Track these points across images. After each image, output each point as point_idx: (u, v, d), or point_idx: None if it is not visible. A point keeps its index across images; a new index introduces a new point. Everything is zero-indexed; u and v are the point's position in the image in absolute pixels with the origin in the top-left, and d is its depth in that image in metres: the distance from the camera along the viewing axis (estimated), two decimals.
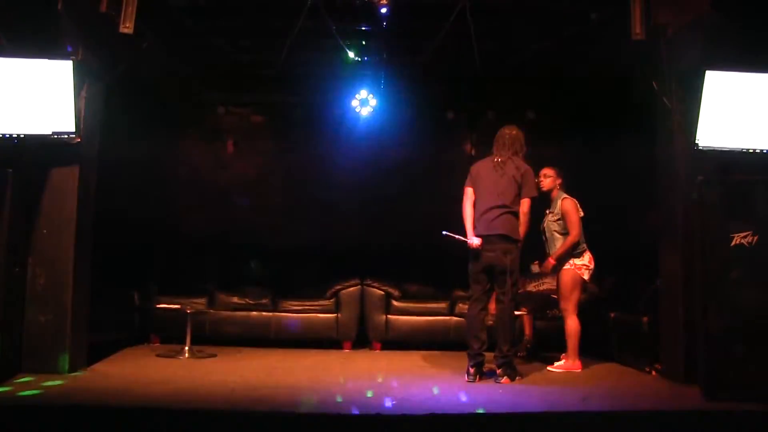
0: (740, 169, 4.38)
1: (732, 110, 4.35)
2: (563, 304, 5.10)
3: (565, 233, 5.15)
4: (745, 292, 4.02)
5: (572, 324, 5.03)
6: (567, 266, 5.08)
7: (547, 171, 5.34)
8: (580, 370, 5.00)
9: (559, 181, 5.32)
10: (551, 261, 5.14)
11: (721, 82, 4.33)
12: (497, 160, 4.81)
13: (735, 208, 4.13)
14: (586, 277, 5.11)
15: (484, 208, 4.71)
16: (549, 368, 5.11)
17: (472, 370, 4.61)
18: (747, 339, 3.97)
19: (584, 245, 5.12)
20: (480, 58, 5.76)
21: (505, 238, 4.62)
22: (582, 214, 5.17)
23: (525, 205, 4.71)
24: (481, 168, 4.86)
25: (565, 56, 6.11)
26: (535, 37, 5.77)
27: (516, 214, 4.68)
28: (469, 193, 4.82)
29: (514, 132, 4.89)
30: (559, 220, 5.18)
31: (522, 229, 4.69)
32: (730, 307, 4.03)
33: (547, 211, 5.31)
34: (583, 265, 5.08)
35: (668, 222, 4.81)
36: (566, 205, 5.15)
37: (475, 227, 4.71)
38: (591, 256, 5.14)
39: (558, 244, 5.16)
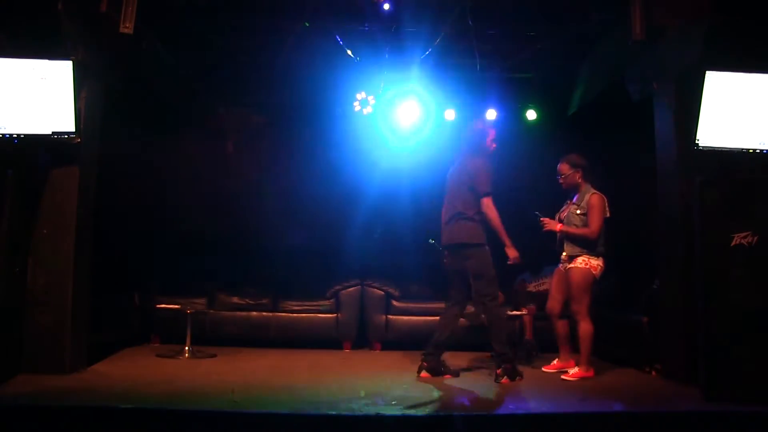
0: (740, 169, 4.38)
1: (732, 110, 4.35)
2: (575, 306, 4.81)
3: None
4: (745, 292, 4.02)
5: (586, 327, 4.79)
6: (581, 264, 4.79)
7: (562, 168, 5.05)
8: (592, 376, 4.82)
9: (578, 173, 5.00)
10: (558, 226, 4.91)
11: (721, 82, 4.34)
12: (455, 164, 4.86)
13: (735, 208, 4.12)
14: (598, 278, 4.88)
15: (444, 219, 4.81)
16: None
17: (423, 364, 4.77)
18: (747, 339, 3.97)
19: (602, 248, 4.85)
20: (480, 58, 5.76)
21: (459, 246, 4.65)
22: (609, 214, 4.87)
23: (483, 204, 4.60)
24: (448, 175, 4.91)
25: (566, 56, 6.11)
26: (535, 37, 5.77)
27: (470, 218, 4.63)
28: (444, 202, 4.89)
29: (470, 130, 4.89)
30: (583, 214, 4.88)
31: (494, 225, 4.58)
32: (730, 307, 4.03)
33: (569, 202, 5.06)
34: (598, 265, 4.82)
35: (668, 222, 4.81)
36: (594, 199, 4.87)
37: None
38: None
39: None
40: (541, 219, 4.95)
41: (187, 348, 5.47)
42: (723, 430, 3.65)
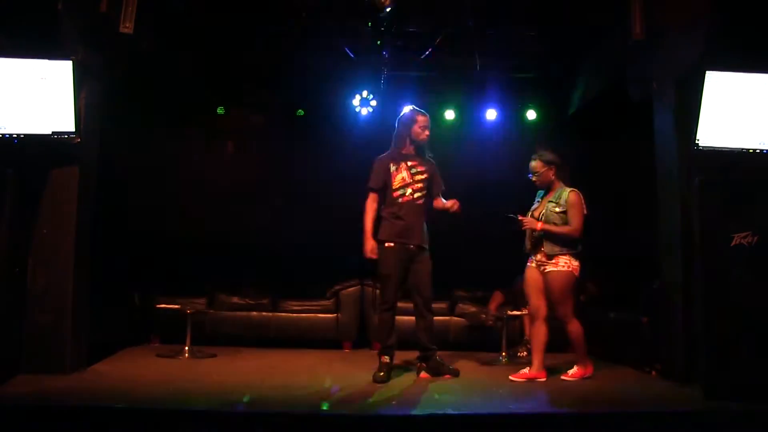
0: (740, 169, 4.38)
1: (732, 110, 4.35)
2: (562, 310, 4.62)
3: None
4: (745, 292, 4.02)
5: (576, 328, 4.65)
6: (564, 267, 4.58)
7: (535, 166, 4.79)
8: (592, 373, 4.73)
9: (552, 170, 4.75)
10: (539, 224, 4.62)
11: (721, 82, 4.33)
12: None
13: (735, 208, 4.12)
14: (578, 277, 4.71)
15: None
16: (512, 377, 4.70)
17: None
18: (747, 339, 3.97)
19: (581, 247, 4.64)
20: (480, 58, 5.77)
21: None
22: (586, 212, 4.68)
23: None
24: None
25: (566, 56, 6.11)
26: (535, 37, 5.78)
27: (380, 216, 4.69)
28: None
29: (398, 119, 4.84)
30: (562, 212, 4.64)
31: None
32: (730, 307, 4.03)
33: (540, 200, 4.85)
34: (578, 265, 4.62)
35: (668, 222, 4.81)
36: (573, 197, 4.65)
37: None
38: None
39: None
40: (520, 218, 4.72)
41: (187, 348, 5.47)
42: (723, 430, 3.65)
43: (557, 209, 4.67)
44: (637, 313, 5.28)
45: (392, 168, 4.70)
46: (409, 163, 4.70)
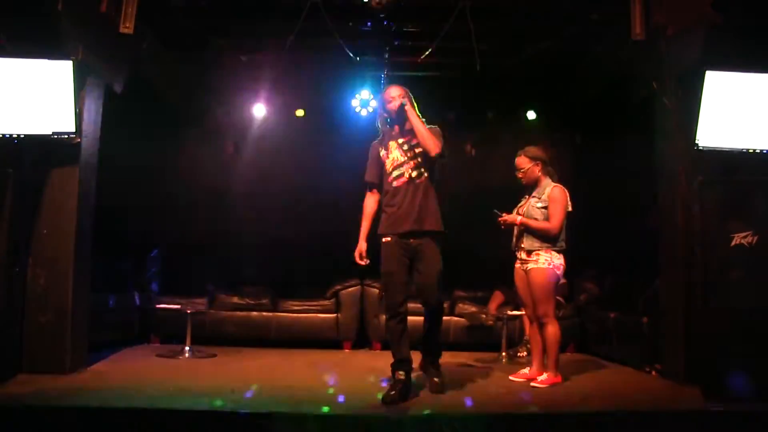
0: (740, 169, 4.38)
1: (732, 110, 4.35)
2: (542, 309, 4.44)
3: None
4: (745, 292, 4.02)
5: (555, 330, 4.44)
6: (544, 264, 4.43)
7: (520, 162, 4.65)
8: (561, 381, 4.50)
9: (538, 166, 4.61)
10: (519, 219, 4.53)
11: (721, 82, 4.33)
12: None
13: (735, 208, 4.12)
14: (562, 279, 4.63)
15: None
16: (511, 377, 4.67)
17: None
18: (747, 339, 3.97)
19: (563, 243, 4.50)
20: (480, 58, 5.76)
21: None
22: (570, 209, 4.53)
23: None
24: None
25: (566, 56, 6.11)
26: (535, 37, 5.78)
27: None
28: None
29: None
30: (544, 207, 4.51)
31: None
32: (730, 307, 4.02)
33: (527, 196, 4.66)
34: (561, 264, 4.48)
35: (668, 222, 4.81)
36: (556, 193, 4.50)
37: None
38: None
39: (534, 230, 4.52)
40: (499, 218, 4.60)
41: (187, 348, 5.47)
42: (723, 429, 3.64)
43: (539, 204, 4.55)
44: (637, 313, 5.28)
45: (381, 152, 4.24)
46: (400, 140, 4.19)
